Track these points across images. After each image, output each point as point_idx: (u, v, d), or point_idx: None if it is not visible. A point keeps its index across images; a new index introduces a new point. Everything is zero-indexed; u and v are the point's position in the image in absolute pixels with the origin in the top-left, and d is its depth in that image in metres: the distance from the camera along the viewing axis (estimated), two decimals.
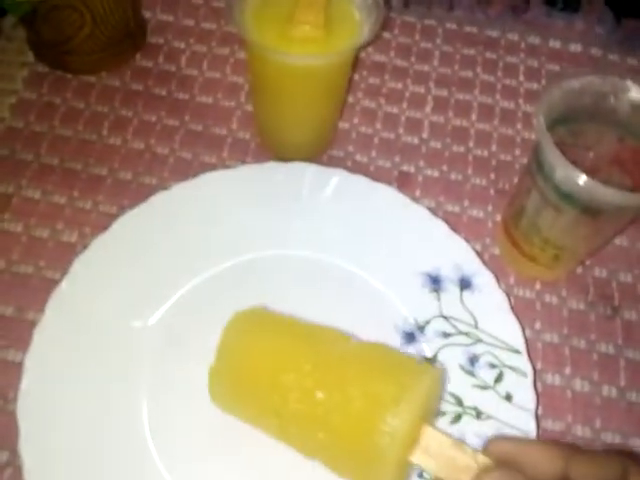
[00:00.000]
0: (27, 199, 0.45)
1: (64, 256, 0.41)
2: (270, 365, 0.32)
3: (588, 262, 0.45)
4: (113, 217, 0.42)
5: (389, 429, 0.28)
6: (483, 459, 0.28)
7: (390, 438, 0.28)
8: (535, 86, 0.53)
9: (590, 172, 0.33)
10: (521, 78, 0.54)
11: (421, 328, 0.40)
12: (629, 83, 0.37)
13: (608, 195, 0.33)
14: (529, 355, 0.38)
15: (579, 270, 0.44)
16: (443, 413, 0.37)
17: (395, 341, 0.40)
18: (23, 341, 0.37)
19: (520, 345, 0.38)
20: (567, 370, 0.41)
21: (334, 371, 0.31)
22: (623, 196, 0.33)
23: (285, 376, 0.31)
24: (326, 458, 0.32)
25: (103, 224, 0.41)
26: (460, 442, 0.29)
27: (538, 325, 0.42)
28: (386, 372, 0.31)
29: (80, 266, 0.39)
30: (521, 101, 0.52)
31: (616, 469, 0.25)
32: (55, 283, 0.39)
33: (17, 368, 0.36)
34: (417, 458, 0.29)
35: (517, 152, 0.50)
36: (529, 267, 0.42)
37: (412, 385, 0.29)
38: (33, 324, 0.38)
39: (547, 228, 0.39)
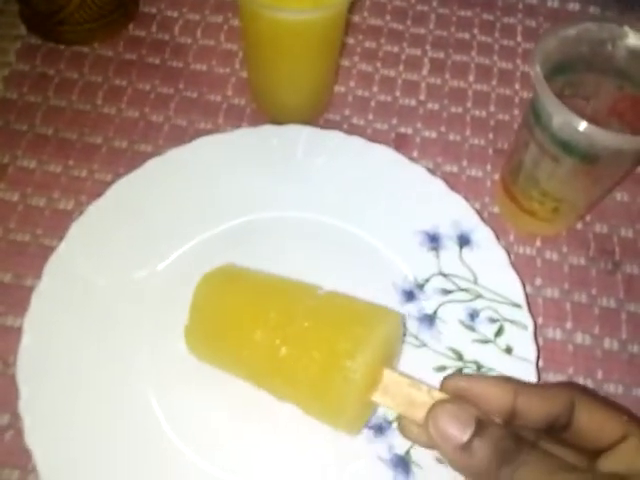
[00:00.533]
0: (22, 169, 0.45)
1: (61, 224, 0.41)
2: (238, 322, 0.34)
3: (588, 218, 0.44)
4: (109, 185, 0.41)
5: (348, 377, 0.30)
6: (439, 395, 0.29)
7: (349, 386, 0.30)
8: (533, 46, 0.52)
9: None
10: (519, 39, 0.53)
11: (420, 286, 0.40)
12: (626, 29, 0.36)
13: (607, 139, 0.33)
14: (530, 309, 0.38)
15: (579, 226, 0.44)
16: (444, 368, 0.37)
17: (394, 300, 0.40)
18: (22, 307, 0.37)
19: (520, 299, 0.38)
20: (568, 324, 0.40)
21: (297, 327, 0.32)
22: (622, 139, 0.32)
23: (252, 333, 0.33)
24: (296, 403, 0.33)
25: (99, 192, 0.41)
26: (417, 381, 0.31)
27: (539, 281, 0.42)
28: (345, 324, 0.32)
29: (77, 230, 0.39)
30: (519, 61, 0.52)
31: (563, 400, 0.26)
32: (52, 250, 0.39)
33: (16, 333, 0.36)
34: (377, 398, 0.31)
35: (516, 112, 0.49)
36: (529, 222, 0.42)
37: (367, 336, 0.31)
38: (31, 290, 0.38)
39: (545, 180, 0.38)
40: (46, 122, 0.47)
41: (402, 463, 0.34)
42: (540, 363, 0.38)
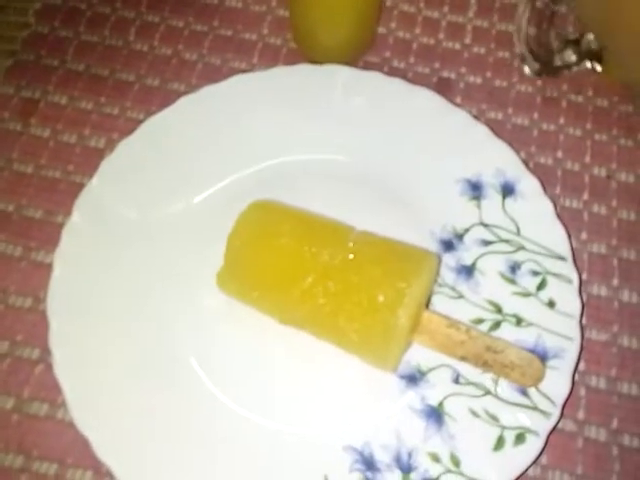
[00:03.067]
0: (54, 104, 0.44)
1: (92, 161, 0.40)
2: (277, 265, 0.33)
3: None
4: (141, 123, 0.40)
5: (393, 325, 0.31)
6: (476, 334, 0.32)
7: (394, 334, 0.31)
8: None
9: None
10: None
11: (459, 236, 0.38)
12: None
13: None
14: (575, 263, 0.36)
15: (631, 179, 0.42)
16: (481, 320, 0.36)
17: (432, 248, 0.38)
18: (53, 243, 0.37)
19: (565, 251, 0.36)
20: (615, 281, 0.38)
21: (338, 272, 0.32)
22: None
23: (291, 279, 0.33)
24: (337, 344, 0.34)
25: (131, 130, 0.40)
26: (455, 321, 0.33)
27: (584, 235, 0.40)
28: (385, 269, 0.32)
29: (108, 167, 0.38)
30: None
31: None
32: (83, 187, 0.38)
33: (47, 269, 0.36)
34: (418, 338, 0.33)
35: None
36: None
37: (409, 286, 0.32)
38: (62, 226, 0.37)
39: None
40: (77, 57, 0.46)
41: (435, 414, 0.33)
42: (584, 320, 0.36)
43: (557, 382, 0.33)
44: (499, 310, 0.36)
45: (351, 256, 0.32)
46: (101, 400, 0.33)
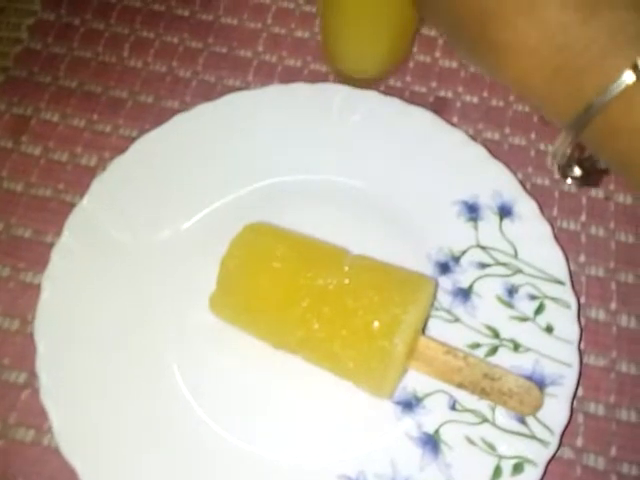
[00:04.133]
0: (45, 122, 0.43)
1: (83, 180, 0.39)
2: (270, 289, 0.33)
3: None
4: (133, 141, 0.40)
5: (388, 352, 0.31)
6: (474, 361, 0.31)
7: (389, 361, 0.31)
8: None
9: None
10: None
11: (456, 259, 0.38)
12: None
13: None
14: (573, 287, 0.36)
15: (629, 201, 0.41)
16: (478, 345, 0.35)
17: (427, 272, 0.37)
18: (42, 263, 0.36)
19: (563, 275, 0.36)
20: (613, 305, 0.38)
21: (333, 298, 0.32)
22: None
23: (285, 303, 0.32)
24: (331, 371, 0.33)
25: (123, 148, 0.39)
26: (452, 348, 0.32)
27: (582, 258, 0.39)
28: (381, 295, 0.32)
29: (99, 186, 0.38)
30: None
31: None
32: (74, 206, 0.38)
33: (36, 290, 0.35)
34: (415, 365, 0.32)
35: None
36: None
37: (405, 312, 0.31)
38: (52, 246, 0.36)
39: None
40: (70, 74, 0.45)
41: (431, 442, 0.32)
42: (581, 345, 0.35)
43: (555, 410, 0.32)
44: (496, 335, 0.35)
45: (347, 281, 0.32)
46: (89, 428, 0.32)
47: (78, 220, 0.36)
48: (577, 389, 0.33)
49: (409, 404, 0.34)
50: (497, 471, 0.31)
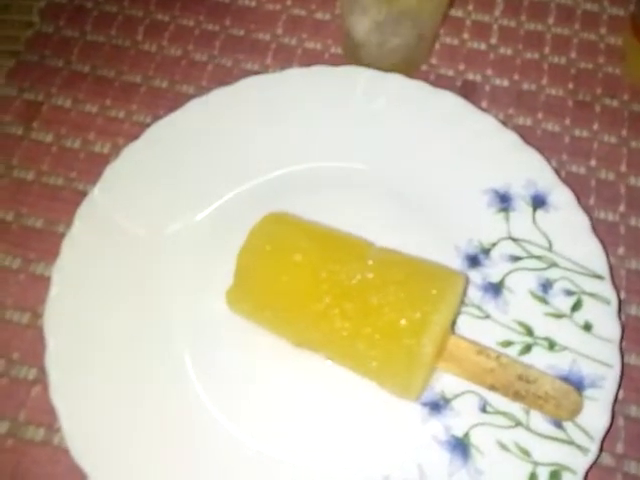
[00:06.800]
0: (57, 107, 0.42)
1: (96, 167, 0.38)
2: (290, 284, 0.31)
3: None
4: (147, 127, 0.38)
5: (417, 352, 0.29)
6: (507, 361, 0.30)
7: (418, 361, 0.29)
8: None
9: None
10: None
11: (486, 251, 0.36)
12: None
13: None
14: (613, 282, 0.33)
15: None
16: (510, 343, 0.33)
17: (456, 265, 0.35)
18: (54, 254, 0.35)
19: (603, 269, 0.33)
20: None
21: (357, 293, 0.30)
22: None
23: (306, 298, 0.30)
24: (355, 371, 0.31)
25: (137, 134, 0.38)
26: (484, 347, 0.30)
27: (622, 251, 0.37)
28: (408, 291, 0.30)
29: (111, 174, 0.36)
30: (606, 3, 0.46)
31: None
32: (86, 195, 0.36)
33: (47, 282, 0.34)
34: (444, 365, 0.31)
35: (600, 60, 0.44)
36: None
37: (434, 310, 0.29)
38: (64, 237, 0.35)
39: None
40: (83, 58, 0.44)
41: (460, 446, 0.31)
42: (623, 344, 0.33)
43: (595, 414, 0.30)
44: (530, 332, 0.33)
45: (371, 275, 0.30)
46: (99, 428, 0.30)
47: (89, 211, 0.35)
48: (618, 391, 0.31)
49: (437, 406, 0.32)
50: (532, 478, 0.29)
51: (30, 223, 0.38)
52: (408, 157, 0.38)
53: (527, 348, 0.33)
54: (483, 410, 0.31)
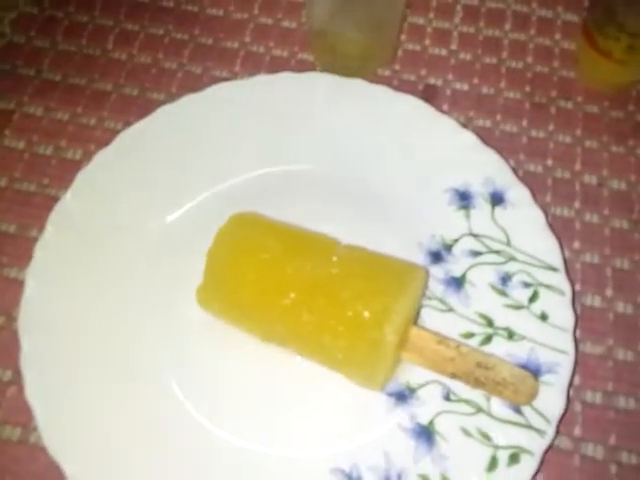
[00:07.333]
0: (29, 115, 0.42)
1: (68, 174, 0.38)
2: (258, 281, 0.32)
3: (633, 178, 0.41)
4: (118, 134, 0.39)
5: (380, 342, 0.30)
6: (466, 350, 0.31)
7: (381, 351, 0.30)
8: None
9: None
10: None
11: (448, 247, 0.37)
12: None
13: None
14: (567, 274, 0.35)
15: (623, 186, 0.41)
16: (472, 334, 0.34)
17: (419, 261, 0.37)
18: (27, 258, 0.35)
19: (557, 262, 0.35)
20: (608, 292, 0.37)
21: (322, 287, 0.31)
22: None
23: (273, 294, 0.31)
24: (321, 363, 0.33)
25: (108, 141, 0.39)
26: (444, 337, 0.32)
27: (577, 245, 0.39)
28: (371, 284, 0.31)
29: (83, 180, 0.37)
30: (560, 9, 0.48)
31: None
32: (59, 201, 0.37)
33: (21, 286, 0.35)
34: (407, 356, 0.32)
35: (555, 64, 0.45)
36: (603, 66, 0.42)
37: (396, 301, 0.30)
38: (36, 241, 0.36)
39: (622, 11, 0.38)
40: (54, 67, 0.44)
41: (425, 433, 0.32)
42: (578, 332, 0.35)
43: (551, 399, 0.32)
44: (490, 323, 0.35)
45: (335, 271, 0.31)
46: (75, 425, 0.31)
47: (61, 215, 0.36)
48: (573, 377, 0.33)
49: (402, 395, 0.33)
50: (493, 461, 0.31)
51: (3, 228, 0.39)
52: (372, 159, 0.39)
53: (488, 338, 0.34)
54: (447, 398, 0.33)
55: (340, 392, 0.33)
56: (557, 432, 0.31)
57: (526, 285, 0.35)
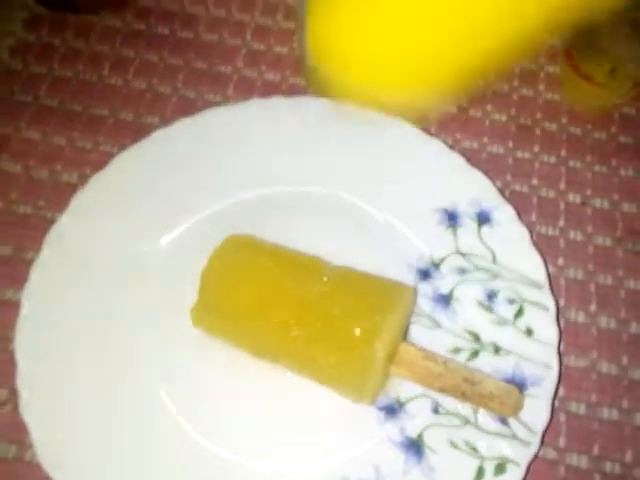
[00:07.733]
0: (26, 140, 0.43)
1: (64, 196, 0.39)
2: (251, 299, 0.33)
3: (616, 197, 0.42)
4: (114, 157, 0.40)
5: (369, 359, 0.31)
6: (454, 366, 0.32)
7: (370, 368, 0.31)
8: None
9: None
10: None
11: (436, 265, 0.38)
12: None
13: None
14: (552, 290, 0.36)
15: (606, 205, 0.42)
16: (460, 350, 0.35)
17: (408, 279, 0.38)
18: (22, 280, 0.36)
19: (541, 278, 0.36)
20: (592, 307, 0.38)
21: (313, 306, 0.32)
22: None
23: (265, 312, 0.32)
24: (312, 379, 0.33)
25: (104, 164, 0.40)
26: (432, 353, 0.33)
27: (561, 261, 0.40)
28: (361, 303, 0.32)
29: (78, 202, 0.38)
30: None
31: None
32: (54, 223, 0.38)
33: (17, 307, 0.35)
34: (396, 371, 0.33)
35: (541, 87, 0.47)
36: (586, 90, 0.43)
37: (385, 319, 0.31)
38: (32, 263, 0.36)
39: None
40: (51, 93, 0.45)
41: (414, 446, 0.33)
42: (562, 347, 0.36)
43: (536, 410, 0.32)
44: (477, 339, 0.35)
45: (326, 289, 0.32)
46: (70, 443, 0.32)
47: (57, 237, 0.37)
48: (558, 389, 0.34)
49: (392, 409, 0.34)
50: (480, 472, 0.31)
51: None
52: (362, 181, 0.40)
53: (475, 354, 0.35)
54: (435, 411, 0.33)
55: (330, 407, 0.33)
56: (542, 442, 0.32)
57: (511, 301, 0.36)
